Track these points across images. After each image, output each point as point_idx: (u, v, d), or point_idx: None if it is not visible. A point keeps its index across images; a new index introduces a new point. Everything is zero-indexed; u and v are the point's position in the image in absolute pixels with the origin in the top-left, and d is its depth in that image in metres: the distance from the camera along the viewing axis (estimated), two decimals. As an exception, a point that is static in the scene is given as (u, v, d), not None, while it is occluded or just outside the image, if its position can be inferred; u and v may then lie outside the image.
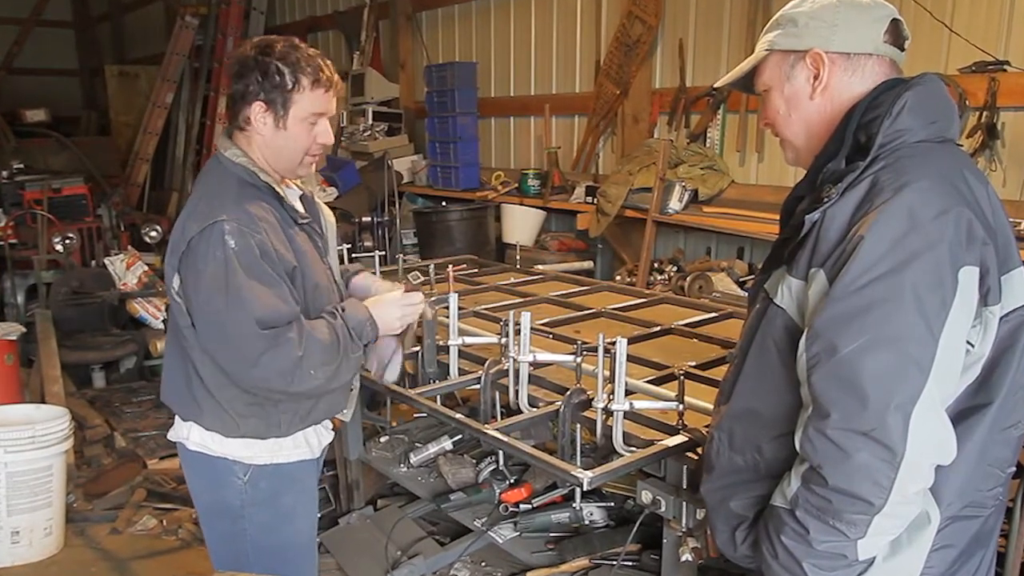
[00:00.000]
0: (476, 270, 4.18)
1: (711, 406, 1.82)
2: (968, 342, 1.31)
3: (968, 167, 1.38)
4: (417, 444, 3.36)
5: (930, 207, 1.26)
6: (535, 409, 2.25)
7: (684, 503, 1.92)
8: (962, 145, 1.50)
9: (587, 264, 5.33)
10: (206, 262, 1.87)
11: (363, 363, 2.20)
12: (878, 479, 1.22)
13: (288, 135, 1.99)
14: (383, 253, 3.86)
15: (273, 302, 1.89)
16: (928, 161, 1.33)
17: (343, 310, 2.04)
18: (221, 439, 2.04)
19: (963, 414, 1.36)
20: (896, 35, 1.45)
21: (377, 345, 2.21)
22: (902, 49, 1.47)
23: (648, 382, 2.27)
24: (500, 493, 2.95)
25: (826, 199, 1.35)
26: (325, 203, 2.35)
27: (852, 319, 1.25)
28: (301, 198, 2.16)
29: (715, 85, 1.81)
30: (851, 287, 1.25)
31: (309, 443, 2.15)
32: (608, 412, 2.01)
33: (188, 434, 2.07)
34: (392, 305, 2.15)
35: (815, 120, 1.48)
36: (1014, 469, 1.47)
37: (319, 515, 3.59)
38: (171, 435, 2.15)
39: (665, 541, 2.07)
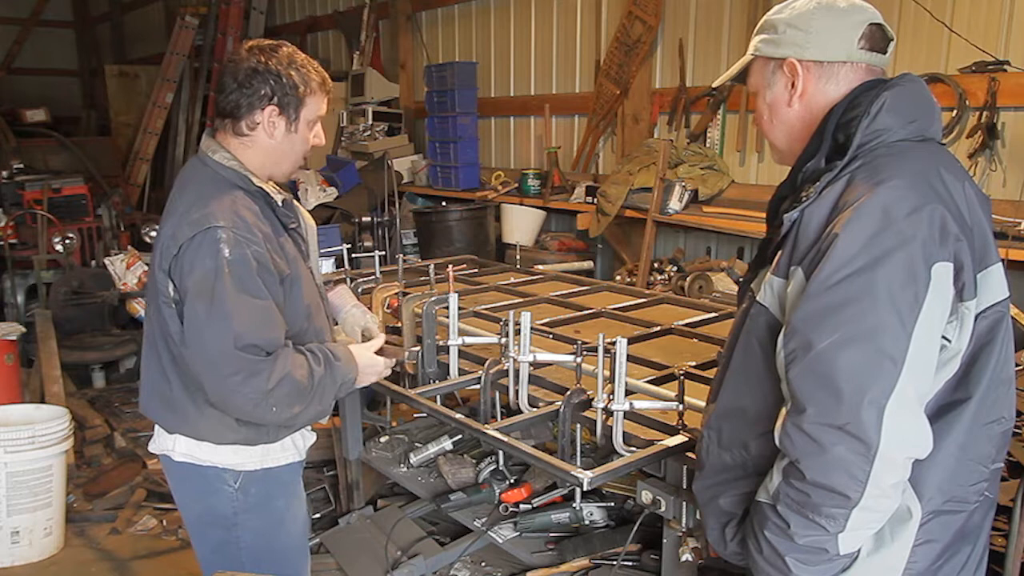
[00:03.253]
0: (476, 270, 4.17)
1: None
2: (944, 337, 1.33)
3: (945, 165, 1.39)
4: (417, 444, 3.37)
5: (904, 204, 1.27)
6: (535, 409, 2.25)
7: (684, 503, 1.93)
8: (945, 143, 1.51)
9: (587, 264, 5.32)
10: (194, 268, 1.83)
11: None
12: (853, 472, 1.23)
13: (296, 139, 2.01)
14: (383, 253, 3.85)
15: (258, 319, 1.85)
16: (904, 160, 1.35)
17: (337, 359, 2.02)
18: (210, 447, 2.00)
19: (943, 409, 1.37)
20: (874, 39, 1.45)
21: None
22: (884, 52, 1.47)
23: (648, 382, 2.27)
24: (500, 493, 2.95)
25: (805, 198, 1.38)
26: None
27: (827, 315, 1.26)
28: (283, 202, 2.13)
29: (713, 84, 1.82)
30: (826, 284, 1.27)
31: (296, 446, 2.14)
32: (608, 412, 2.01)
33: (173, 446, 2.02)
34: (376, 366, 2.18)
35: (795, 125, 1.51)
36: (1000, 465, 1.47)
37: (319, 515, 3.61)
38: (153, 447, 2.09)
39: (665, 541, 2.07)
